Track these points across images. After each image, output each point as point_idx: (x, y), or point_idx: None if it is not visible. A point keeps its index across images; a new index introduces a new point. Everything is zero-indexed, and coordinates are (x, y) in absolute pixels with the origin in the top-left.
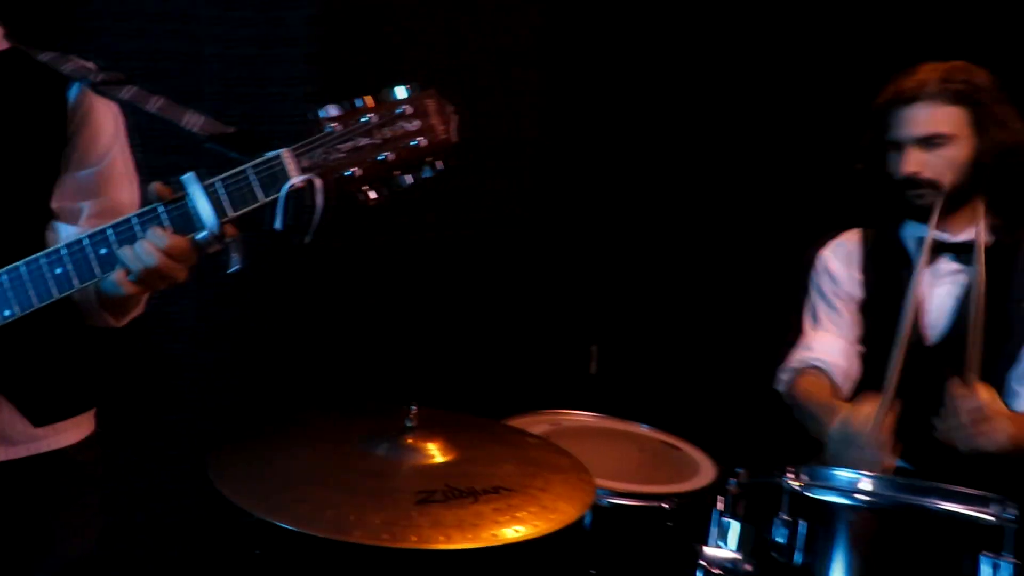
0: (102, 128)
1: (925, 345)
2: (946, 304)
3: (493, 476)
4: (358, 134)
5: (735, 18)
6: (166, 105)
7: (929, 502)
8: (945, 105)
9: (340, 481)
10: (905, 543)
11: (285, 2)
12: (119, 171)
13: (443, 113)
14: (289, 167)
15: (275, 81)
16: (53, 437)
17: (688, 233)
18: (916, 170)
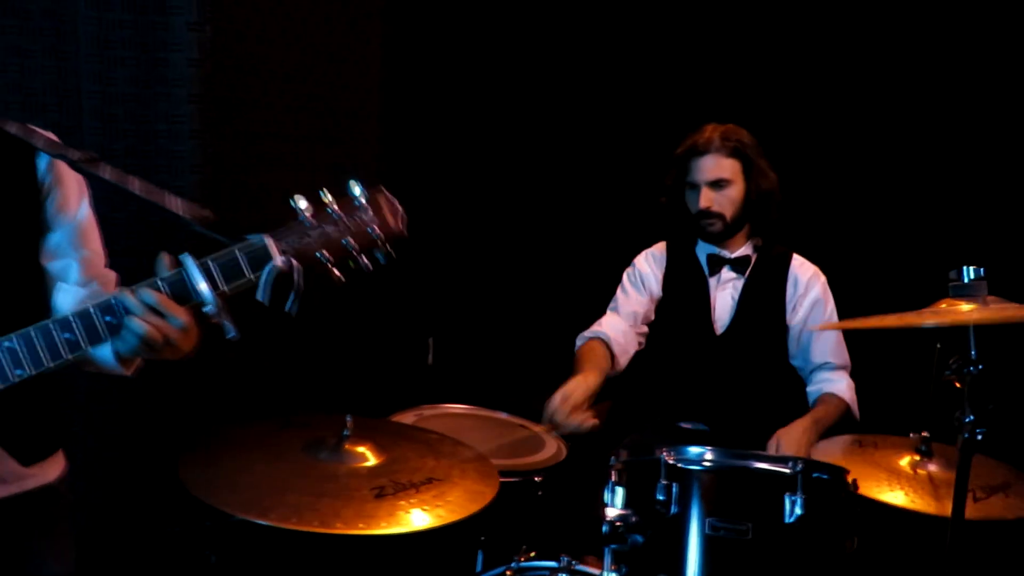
0: (70, 187)
1: (715, 335)
2: (728, 304)
3: (421, 470)
4: (325, 223)
5: (568, 41)
6: (146, 187)
7: (749, 463)
8: (725, 157)
9: (300, 485)
10: (736, 491)
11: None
12: (91, 221)
13: (392, 208)
14: (272, 250)
15: (159, 118)
16: (40, 473)
17: (513, 236)
18: (707, 205)
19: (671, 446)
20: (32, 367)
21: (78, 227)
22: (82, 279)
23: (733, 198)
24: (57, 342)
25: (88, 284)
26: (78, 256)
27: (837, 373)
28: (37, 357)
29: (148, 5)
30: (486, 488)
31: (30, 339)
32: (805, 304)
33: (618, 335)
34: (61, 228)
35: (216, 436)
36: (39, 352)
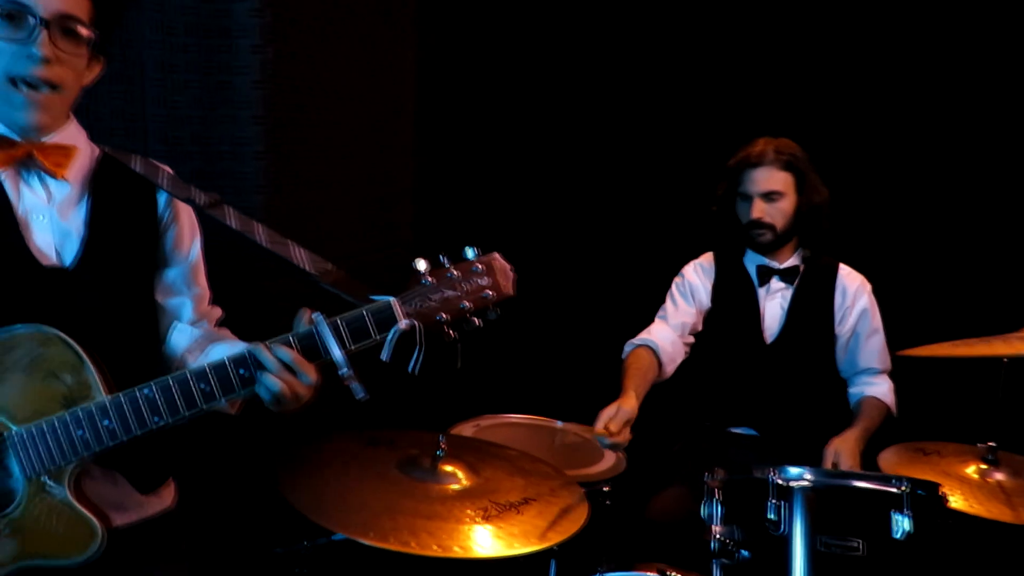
0: (185, 224)
1: (765, 344)
2: (777, 313)
3: (515, 490)
4: (445, 287)
5: (619, 50)
6: (271, 236)
7: (855, 482)
8: (779, 170)
9: (407, 506)
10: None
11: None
12: (201, 258)
13: (504, 271)
14: (397, 312)
15: (224, 140)
16: (158, 500)
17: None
18: (759, 216)
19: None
20: (169, 415)
21: (192, 265)
22: (194, 317)
23: (784, 210)
24: (194, 392)
25: (199, 322)
26: (191, 294)
27: (879, 377)
28: (174, 406)
29: (212, 29)
30: (579, 506)
31: (168, 388)
32: (854, 314)
33: (666, 344)
34: (176, 265)
35: (311, 453)
36: (176, 401)
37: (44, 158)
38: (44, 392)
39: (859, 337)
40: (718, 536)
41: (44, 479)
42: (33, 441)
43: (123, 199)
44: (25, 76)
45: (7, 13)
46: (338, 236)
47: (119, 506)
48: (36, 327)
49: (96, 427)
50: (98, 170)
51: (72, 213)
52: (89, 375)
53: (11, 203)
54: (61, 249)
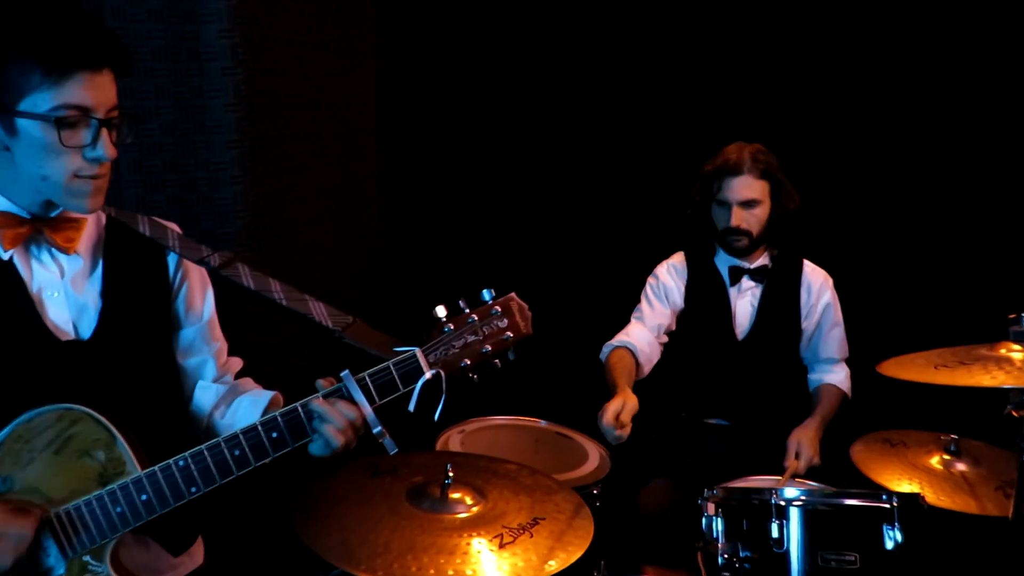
0: (196, 285)
1: (737, 340)
2: (748, 311)
3: (523, 511)
4: (467, 332)
5: (588, 49)
6: (288, 291)
7: (848, 500)
8: (756, 179)
9: (424, 541)
10: (840, 526)
11: (203, 93)
12: (215, 315)
13: (522, 311)
14: (422, 364)
15: (200, 166)
16: (189, 561)
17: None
18: (738, 223)
19: (773, 487)
20: (204, 485)
21: (207, 323)
22: (216, 374)
23: (760, 217)
24: (228, 459)
25: (222, 378)
26: (211, 351)
27: (838, 365)
28: (209, 475)
29: (180, 53)
30: (583, 518)
31: (201, 457)
32: (818, 309)
33: (644, 345)
34: (192, 325)
35: (323, 489)
36: (211, 470)
37: (54, 234)
38: (78, 471)
39: (822, 329)
40: (723, 551)
41: (85, 558)
42: (72, 522)
43: (135, 265)
44: (92, 175)
45: (69, 120)
46: (316, 247)
47: (154, 570)
48: (65, 406)
49: (134, 503)
50: (107, 237)
51: (86, 286)
52: (122, 450)
53: (24, 281)
54: (78, 323)
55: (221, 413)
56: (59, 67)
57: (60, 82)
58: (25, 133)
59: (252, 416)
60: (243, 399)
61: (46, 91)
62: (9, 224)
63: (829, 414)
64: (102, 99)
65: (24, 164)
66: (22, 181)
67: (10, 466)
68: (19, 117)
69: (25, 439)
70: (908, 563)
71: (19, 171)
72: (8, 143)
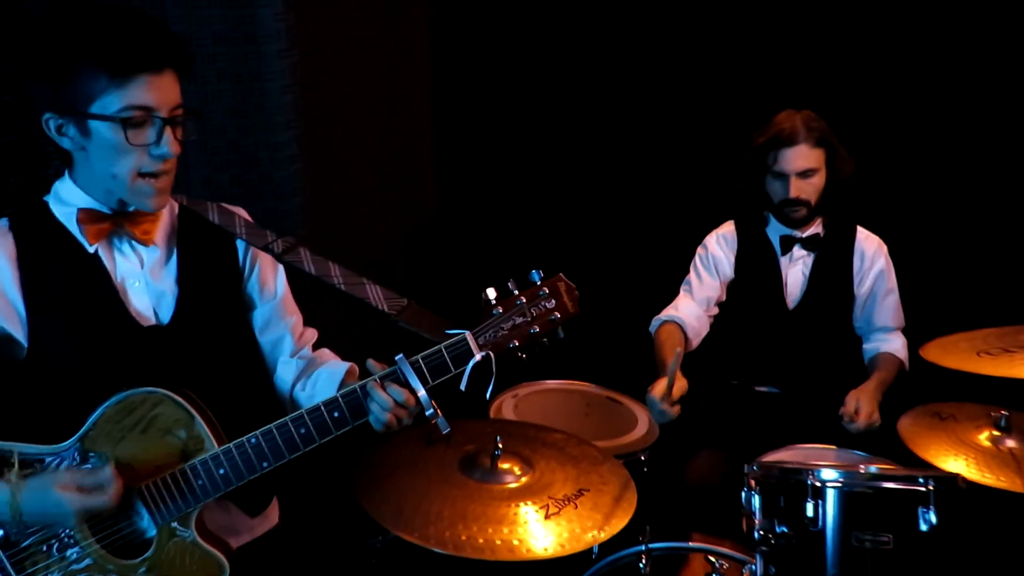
0: (267, 265)
1: (788, 310)
2: (799, 280)
3: (569, 481)
4: (515, 314)
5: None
6: (346, 275)
7: (886, 484)
8: (812, 148)
9: (475, 511)
10: (876, 507)
11: (261, 76)
12: (288, 291)
13: (570, 292)
14: (472, 346)
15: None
16: (265, 522)
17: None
18: (797, 194)
19: (810, 468)
20: (274, 460)
21: (281, 299)
22: (294, 348)
23: (817, 186)
24: (294, 437)
25: (300, 352)
26: (287, 326)
27: (893, 334)
28: (278, 451)
29: (239, 37)
30: (628, 491)
31: (271, 436)
32: (871, 276)
33: (692, 319)
34: (266, 303)
35: (381, 458)
36: (280, 447)
37: (133, 227)
38: (163, 448)
39: (875, 297)
40: (760, 527)
41: (174, 525)
42: (160, 493)
43: (207, 252)
44: (157, 173)
45: (135, 121)
46: (372, 218)
47: (233, 531)
48: (148, 390)
49: (213, 476)
50: (180, 227)
51: (163, 274)
52: (200, 429)
53: (108, 272)
54: (158, 309)
55: (302, 386)
56: (123, 71)
57: (124, 85)
58: (97, 134)
59: (330, 388)
60: (321, 371)
61: (113, 94)
62: (93, 220)
63: (887, 378)
64: (164, 99)
65: (97, 163)
66: (97, 179)
67: (103, 444)
68: (91, 119)
69: (115, 420)
70: (943, 544)
71: (94, 170)
72: (84, 144)
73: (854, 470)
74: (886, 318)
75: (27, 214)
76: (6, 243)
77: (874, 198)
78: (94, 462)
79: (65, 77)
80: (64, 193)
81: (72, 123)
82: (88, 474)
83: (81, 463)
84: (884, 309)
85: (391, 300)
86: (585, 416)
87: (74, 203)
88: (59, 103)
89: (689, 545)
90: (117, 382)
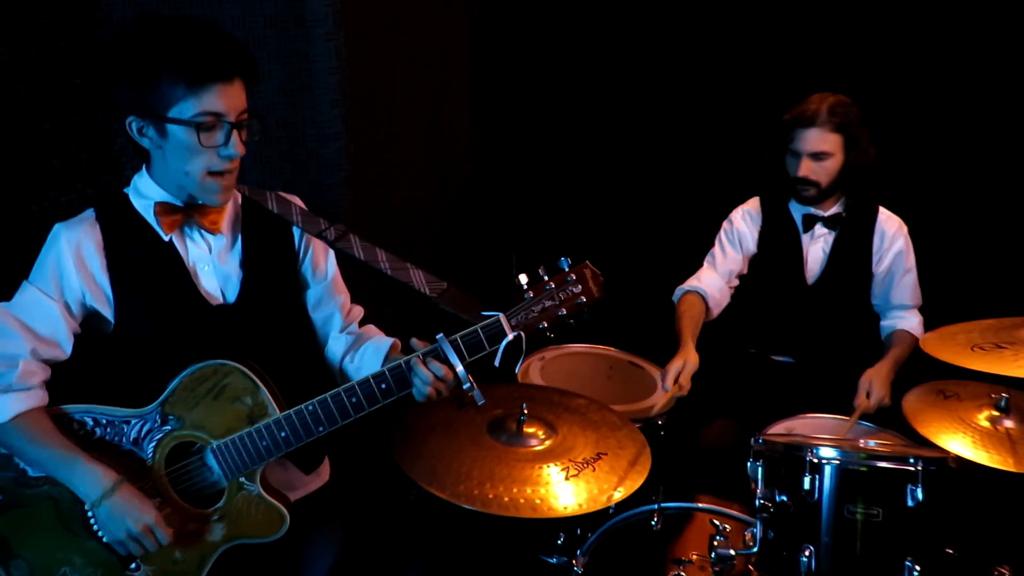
0: (319, 249)
1: (807, 284)
2: (819, 256)
3: (588, 445)
4: (545, 298)
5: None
6: (392, 260)
7: (879, 462)
8: (830, 132)
9: (502, 472)
10: (868, 483)
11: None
12: (337, 272)
13: (595, 278)
14: (505, 327)
15: (307, 123)
16: (318, 479)
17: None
18: (806, 174)
19: (804, 439)
20: (328, 424)
21: (332, 280)
22: (343, 324)
23: (830, 169)
24: (346, 405)
25: (348, 327)
26: (337, 304)
27: (910, 312)
28: (332, 417)
29: (288, 20)
30: (643, 456)
31: (326, 403)
32: (890, 255)
33: (714, 291)
34: (319, 283)
35: (415, 421)
36: (333, 413)
37: (202, 218)
38: (232, 413)
39: (894, 276)
40: (761, 495)
41: (241, 479)
42: (230, 452)
43: (267, 239)
44: (223, 171)
45: (207, 125)
46: (411, 188)
47: (290, 486)
48: (219, 362)
49: (275, 438)
50: (243, 216)
51: (229, 258)
52: (264, 397)
53: (181, 258)
54: (224, 290)
55: (350, 359)
56: (198, 80)
57: (200, 93)
58: (173, 136)
59: (376, 361)
60: (368, 346)
61: (189, 101)
62: (168, 212)
63: (902, 358)
64: (233, 105)
65: (172, 162)
66: (171, 176)
67: (181, 409)
68: (168, 123)
69: (191, 388)
70: (928, 518)
71: (169, 167)
72: (161, 144)
73: (850, 449)
74: (904, 296)
75: (110, 206)
76: (94, 233)
77: (898, 181)
78: (173, 423)
79: (147, 84)
80: (143, 187)
81: (152, 125)
82: (159, 525)
83: (161, 424)
84: (902, 288)
85: (432, 284)
86: (608, 379)
87: (151, 197)
88: (141, 107)
89: (698, 506)
90: (191, 354)
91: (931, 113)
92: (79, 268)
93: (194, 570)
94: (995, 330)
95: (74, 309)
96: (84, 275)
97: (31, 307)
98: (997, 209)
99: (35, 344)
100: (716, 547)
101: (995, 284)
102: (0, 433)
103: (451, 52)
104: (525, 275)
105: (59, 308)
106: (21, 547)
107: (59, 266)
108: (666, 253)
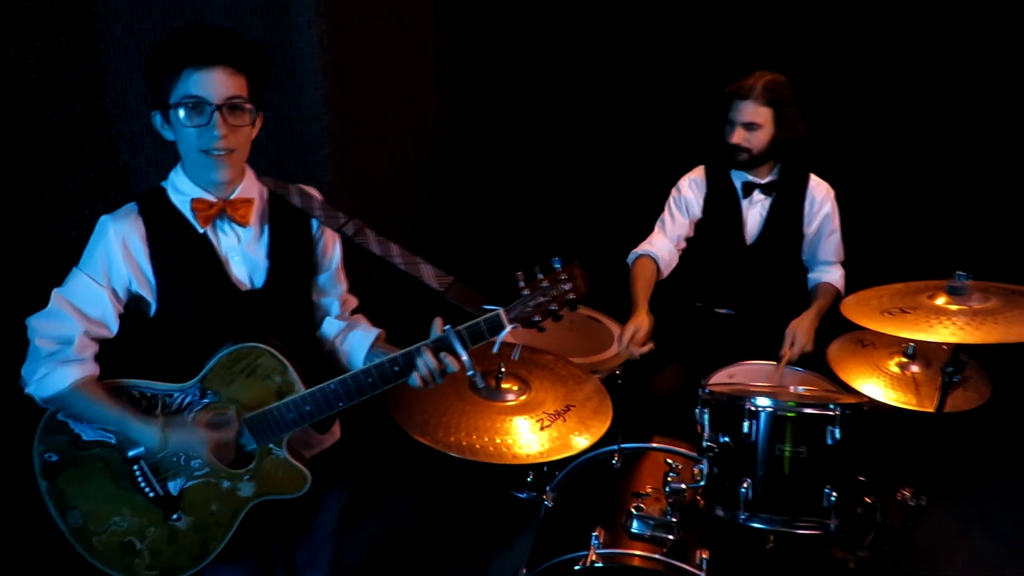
0: (330, 237)
1: (746, 245)
2: (757, 220)
3: (559, 399)
4: (539, 295)
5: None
6: (404, 255)
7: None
8: (762, 106)
9: (486, 425)
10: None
11: (292, 42)
12: (342, 261)
13: (584, 277)
14: (504, 320)
15: (291, 105)
16: (330, 438)
17: None
18: (739, 141)
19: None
20: (347, 400)
21: (337, 268)
22: (341, 310)
23: (761, 139)
24: (363, 384)
25: (343, 313)
26: (337, 292)
27: (834, 267)
28: (351, 393)
29: (273, 9)
30: (604, 406)
31: (345, 382)
32: (819, 217)
33: (664, 253)
34: (325, 271)
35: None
36: (352, 391)
37: (233, 211)
38: (263, 389)
39: (821, 235)
40: (707, 438)
41: (271, 446)
42: (262, 423)
43: (290, 230)
44: (210, 150)
45: (192, 106)
46: (387, 161)
47: (308, 445)
48: (253, 345)
49: (300, 411)
50: (269, 210)
51: (256, 248)
52: (292, 376)
53: (215, 248)
54: (253, 277)
55: (340, 340)
56: (181, 65)
57: (184, 78)
58: (175, 119)
59: (363, 345)
60: (356, 332)
61: (177, 86)
62: (203, 208)
63: (824, 307)
64: (217, 89)
65: (181, 145)
66: (188, 163)
67: (218, 385)
68: (170, 109)
69: (227, 366)
70: (844, 453)
71: (183, 152)
72: (173, 131)
73: (781, 399)
74: (828, 253)
75: (151, 201)
76: (137, 225)
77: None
78: (211, 397)
79: (155, 80)
80: (179, 183)
81: (164, 116)
82: (217, 414)
83: (200, 398)
84: (827, 246)
85: (440, 278)
86: (569, 331)
87: (187, 193)
88: (156, 102)
89: (653, 446)
90: (223, 334)
91: (862, 91)
92: (126, 258)
93: (228, 520)
94: (903, 295)
95: (120, 294)
96: (131, 264)
97: (81, 292)
98: (917, 176)
99: (86, 325)
100: (669, 481)
101: (910, 247)
102: (61, 399)
103: (420, 39)
104: (522, 273)
105: (107, 293)
106: (76, 499)
107: (107, 255)
108: (622, 219)
